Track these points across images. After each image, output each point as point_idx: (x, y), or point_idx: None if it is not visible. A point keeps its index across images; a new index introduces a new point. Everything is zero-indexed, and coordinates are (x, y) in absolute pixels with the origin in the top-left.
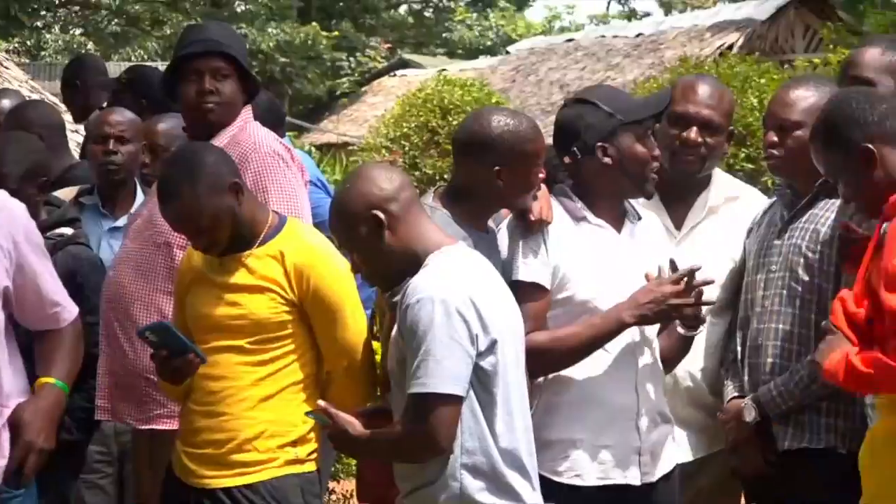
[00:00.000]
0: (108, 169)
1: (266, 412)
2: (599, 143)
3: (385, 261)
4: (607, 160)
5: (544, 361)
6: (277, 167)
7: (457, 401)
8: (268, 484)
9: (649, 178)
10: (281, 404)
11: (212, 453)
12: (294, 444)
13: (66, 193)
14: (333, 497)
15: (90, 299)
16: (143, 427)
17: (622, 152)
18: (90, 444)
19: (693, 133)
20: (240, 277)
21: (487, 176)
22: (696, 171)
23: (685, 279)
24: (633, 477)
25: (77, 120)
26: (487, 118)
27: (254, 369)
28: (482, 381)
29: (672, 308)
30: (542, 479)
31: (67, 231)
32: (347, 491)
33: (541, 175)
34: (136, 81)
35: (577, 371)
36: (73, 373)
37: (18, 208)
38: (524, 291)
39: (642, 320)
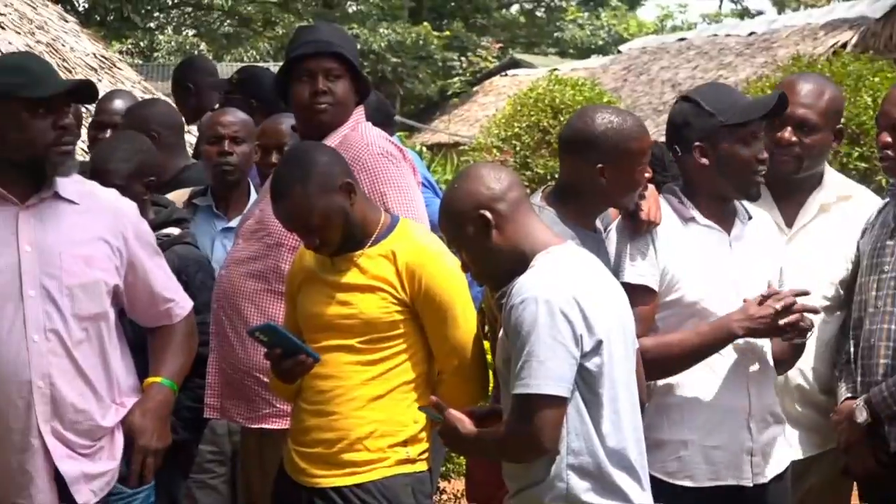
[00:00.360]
0: (223, 170)
1: (376, 412)
2: (697, 144)
3: (492, 260)
4: (704, 161)
5: (651, 368)
6: (390, 168)
7: (560, 402)
8: (378, 483)
9: (752, 180)
10: (391, 404)
11: (322, 452)
12: (405, 443)
13: (179, 195)
14: (444, 497)
15: (196, 298)
16: (253, 426)
17: (720, 154)
18: (202, 444)
19: (787, 133)
20: (351, 277)
21: (591, 174)
22: (792, 171)
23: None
24: (744, 478)
25: (189, 121)
26: (591, 115)
27: (364, 369)
28: (587, 381)
29: (781, 325)
30: (653, 479)
31: (174, 231)
32: (458, 490)
33: (647, 174)
34: (247, 82)
35: (689, 372)
36: (185, 369)
37: (129, 207)
38: (632, 294)
39: (752, 334)
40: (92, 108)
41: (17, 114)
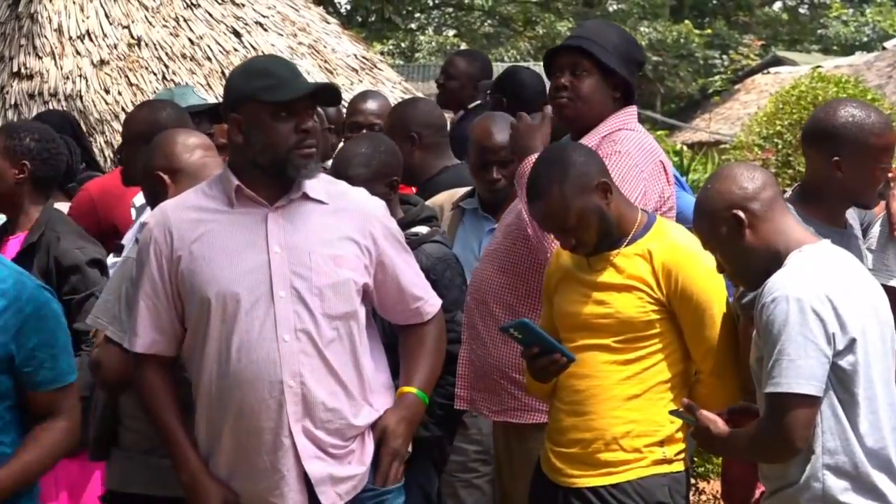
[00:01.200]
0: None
1: (632, 411)
2: None
3: (746, 260)
4: None
5: None
6: (640, 172)
7: (812, 401)
8: (635, 483)
9: None
10: (647, 404)
11: (578, 452)
12: (661, 443)
13: (447, 196)
14: (703, 497)
15: (445, 296)
16: (498, 419)
17: None
18: (467, 444)
19: None
20: (608, 276)
21: (827, 167)
22: None
23: None
24: None
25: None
26: (834, 108)
27: (620, 368)
28: (842, 380)
29: None
30: None
31: (423, 229)
32: (717, 491)
33: (890, 174)
34: (504, 81)
35: None
36: (436, 374)
37: (377, 206)
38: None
39: None
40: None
41: (260, 117)
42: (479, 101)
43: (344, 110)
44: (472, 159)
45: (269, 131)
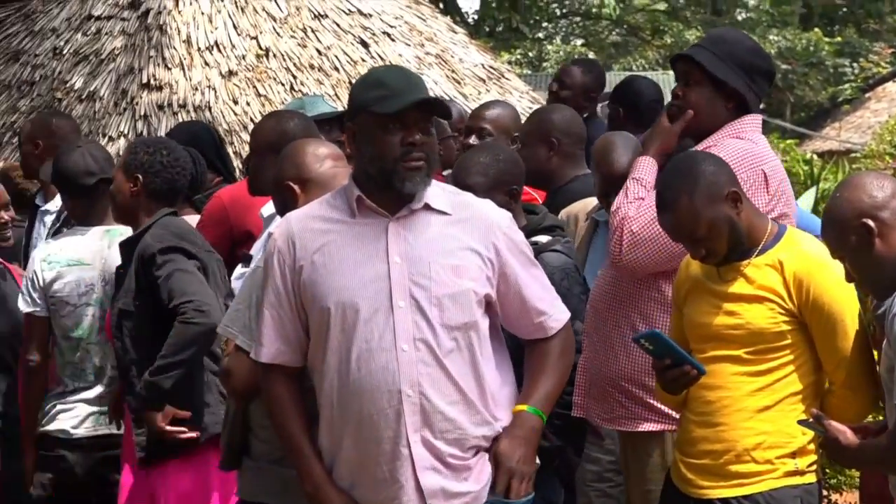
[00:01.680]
0: None
1: (764, 423)
2: None
3: (875, 269)
4: None
5: None
6: (750, 184)
7: None
8: (766, 495)
9: None
10: (779, 415)
11: (709, 464)
12: (793, 455)
13: (583, 206)
14: None
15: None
16: (607, 427)
17: None
18: (601, 454)
19: None
20: (738, 287)
21: None
22: None
23: None
24: None
25: None
26: None
27: (751, 379)
28: None
29: None
30: None
31: (543, 238)
32: (850, 503)
33: None
34: (621, 91)
35: None
36: (556, 392)
37: (501, 217)
38: None
39: None
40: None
41: (370, 128)
42: (588, 113)
43: None
44: (596, 180)
45: (377, 142)
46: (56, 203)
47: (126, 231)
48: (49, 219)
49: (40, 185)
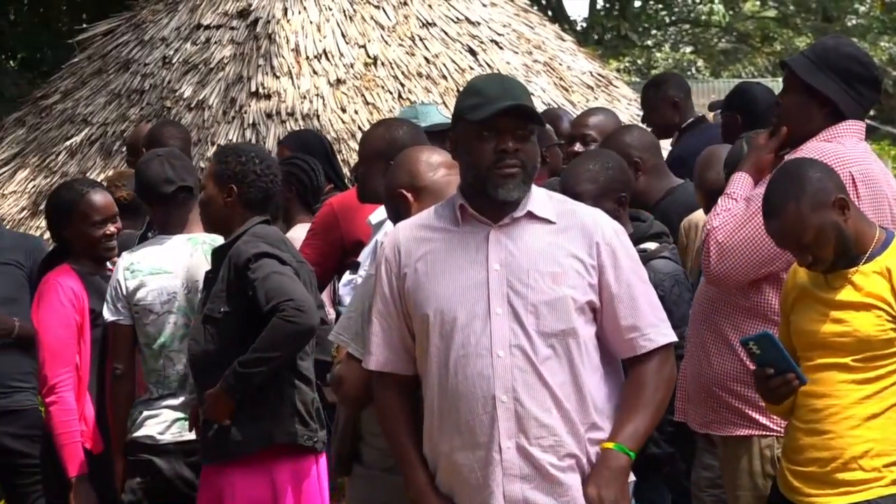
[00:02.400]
0: None
1: (872, 431)
2: None
3: None
4: None
5: None
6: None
7: None
8: (873, 503)
9: None
10: (887, 423)
11: (816, 471)
12: None
13: (702, 214)
14: None
15: (672, 313)
16: (700, 431)
17: None
18: (713, 460)
19: None
20: (845, 294)
21: None
22: None
23: None
24: None
25: (659, 136)
26: None
27: (859, 387)
28: None
29: None
30: None
31: (651, 245)
32: None
33: None
34: (736, 98)
35: None
36: (648, 427)
37: (609, 226)
38: None
39: None
40: None
41: (466, 135)
42: (692, 119)
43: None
44: (697, 195)
45: (472, 150)
46: None
47: (209, 239)
48: None
49: None
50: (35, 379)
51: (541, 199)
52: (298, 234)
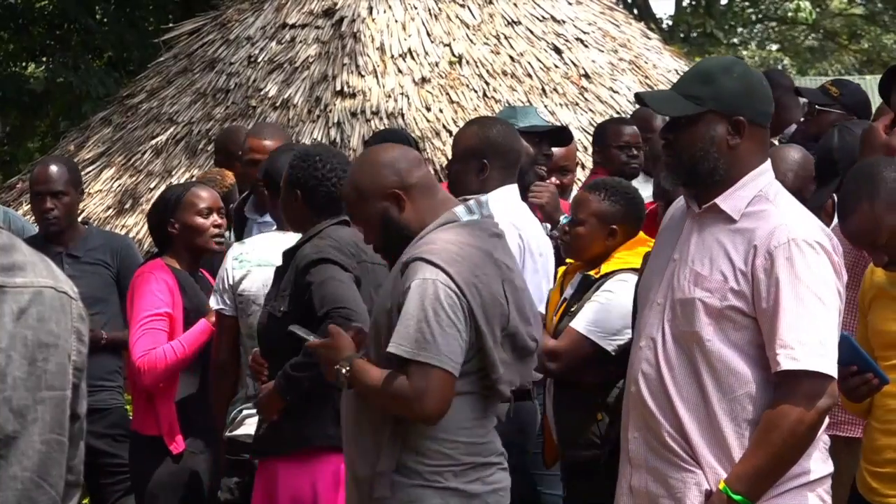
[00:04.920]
0: None
1: None
2: None
3: None
4: None
5: None
6: None
7: None
8: None
9: None
10: None
11: (893, 472)
12: None
13: None
14: None
15: None
16: None
17: None
18: None
19: None
20: None
21: None
22: None
23: None
24: None
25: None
26: None
27: None
28: None
29: None
30: None
31: None
32: None
33: None
34: (843, 94)
35: None
36: (772, 470)
37: (786, 234)
38: None
39: None
40: None
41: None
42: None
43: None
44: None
45: None
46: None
47: None
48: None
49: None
50: (121, 377)
51: (741, 193)
52: None
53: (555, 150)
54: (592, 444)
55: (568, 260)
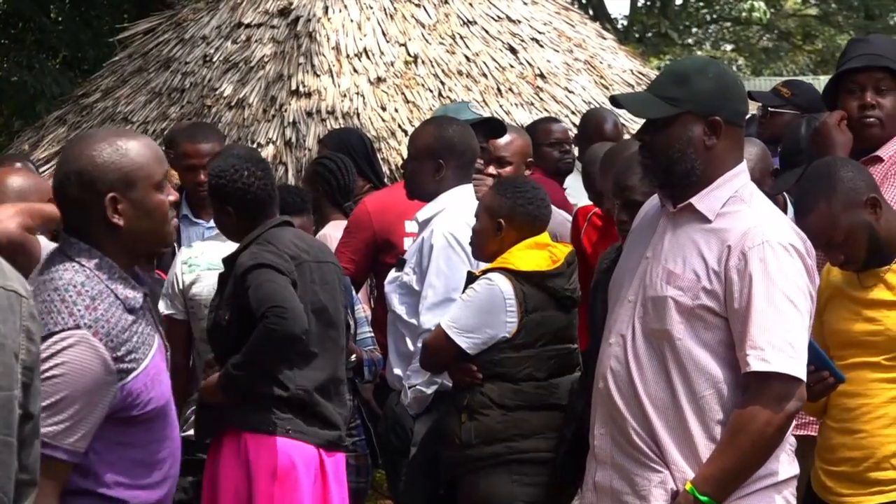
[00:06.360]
0: None
1: None
2: None
3: None
4: None
5: None
6: None
7: None
8: None
9: None
10: None
11: (848, 471)
12: None
13: None
14: None
15: None
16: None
17: None
18: None
19: None
20: (878, 293)
21: None
22: None
23: None
24: None
25: None
26: None
27: (891, 386)
28: None
29: None
30: None
31: None
32: None
33: None
34: (796, 95)
35: None
36: (737, 472)
37: (759, 235)
38: None
39: None
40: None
41: None
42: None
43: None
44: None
45: None
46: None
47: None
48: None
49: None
50: None
51: (716, 194)
52: (331, 231)
53: (495, 141)
54: (454, 445)
55: None
